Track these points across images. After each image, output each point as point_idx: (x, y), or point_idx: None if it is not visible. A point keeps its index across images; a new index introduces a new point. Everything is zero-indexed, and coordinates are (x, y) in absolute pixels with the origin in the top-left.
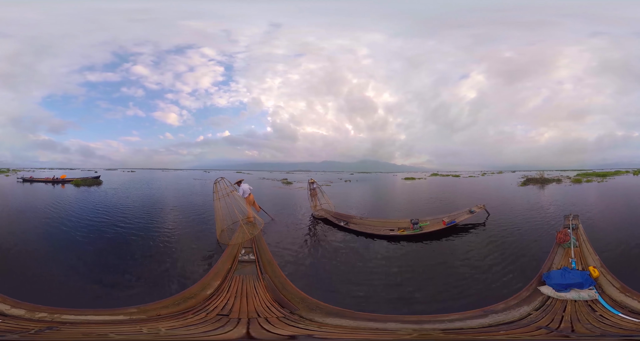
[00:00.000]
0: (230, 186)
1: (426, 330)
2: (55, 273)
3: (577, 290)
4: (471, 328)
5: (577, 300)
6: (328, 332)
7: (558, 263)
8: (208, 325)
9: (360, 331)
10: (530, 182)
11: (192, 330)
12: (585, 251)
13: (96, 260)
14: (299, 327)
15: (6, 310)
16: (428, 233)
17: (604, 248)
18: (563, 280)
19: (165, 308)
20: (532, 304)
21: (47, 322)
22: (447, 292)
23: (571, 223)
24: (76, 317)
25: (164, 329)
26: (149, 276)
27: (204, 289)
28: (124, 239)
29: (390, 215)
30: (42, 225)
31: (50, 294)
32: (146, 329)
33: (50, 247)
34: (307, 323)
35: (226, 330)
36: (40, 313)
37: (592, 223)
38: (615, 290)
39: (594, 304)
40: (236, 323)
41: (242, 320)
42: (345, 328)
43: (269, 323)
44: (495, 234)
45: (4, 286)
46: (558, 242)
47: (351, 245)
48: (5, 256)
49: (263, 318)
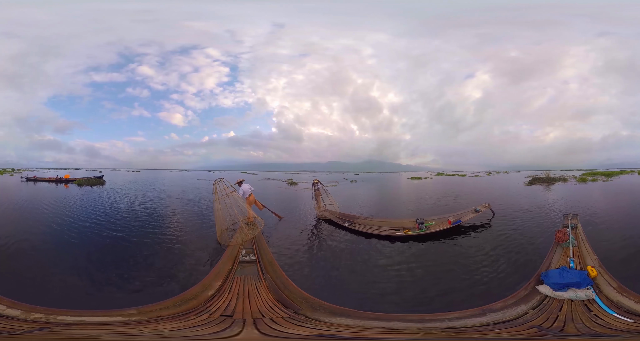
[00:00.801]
0: (229, 187)
1: (429, 328)
2: (53, 273)
3: (574, 289)
4: (469, 327)
5: (574, 300)
6: (340, 331)
7: (556, 263)
8: (214, 326)
9: (370, 331)
10: (537, 181)
11: (197, 332)
12: (584, 251)
13: (94, 261)
14: (309, 327)
15: (2, 311)
16: (434, 233)
17: (606, 247)
18: (561, 280)
19: (165, 309)
20: (530, 303)
21: (41, 323)
22: (452, 294)
23: (570, 222)
24: (72, 318)
25: (167, 330)
26: (148, 278)
27: (205, 290)
28: (123, 239)
29: (397, 215)
30: (41, 225)
31: (48, 295)
32: (147, 330)
33: (49, 246)
34: (315, 323)
35: (234, 330)
36: (36, 314)
37: (595, 222)
38: (612, 290)
39: (590, 304)
40: (242, 324)
41: (247, 320)
42: (354, 328)
43: (276, 323)
44: (500, 233)
45: (1, 287)
46: (557, 241)
47: (355, 245)
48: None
49: (268, 319)
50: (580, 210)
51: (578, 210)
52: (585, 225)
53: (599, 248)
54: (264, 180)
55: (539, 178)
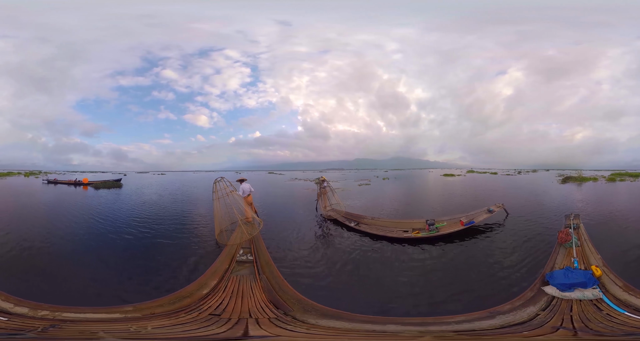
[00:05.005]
0: (230, 186)
1: (434, 332)
2: (52, 271)
3: (581, 289)
4: (483, 330)
5: (582, 300)
6: (315, 334)
7: (560, 263)
8: (196, 324)
9: (352, 333)
10: (569, 180)
11: (177, 329)
12: (587, 250)
13: (93, 259)
14: (287, 329)
15: (10, 308)
16: (445, 234)
17: (620, 246)
18: (566, 280)
19: (160, 306)
20: (538, 304)
21: (49, 320)
22: (455, 302)
23: (572, 222)
24: (76, 315)
25: (150, 327)
26: (146, 275)
27: (200, 288)
28: (123, 239)
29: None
30: (41, 223)
31: (50, 293)
32: (133, 327)
33: (51, 246)
34: (297, 324)
35: (213, 329)
36: (43, 311)
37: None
38: (618, 289)
39: (599, 303)
40: (224, 323)
41: (231, 319)
42: (338, 330)
43: (258, 323)
44: (513, 235)
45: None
46: (560, 242)
47: (359, 247)
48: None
49: (253, 319)
50: (612, 209)
51: (610, 208)
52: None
53: (615, 246)
54: (290, 181)
55: (571, 177)
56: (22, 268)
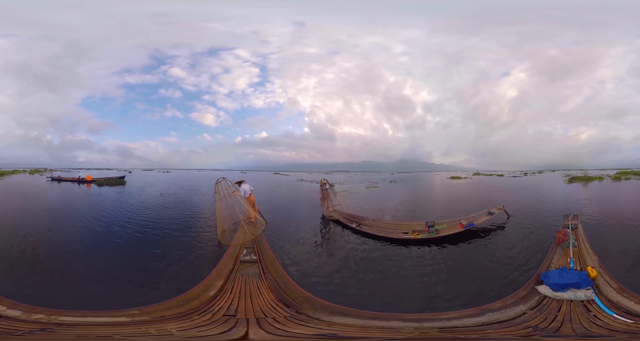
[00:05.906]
0: (231, 186)
1: (425, 328)
2: (52, 272)
3: (574, 290)
4: (465, 327)
5: (574, 300)
6: (340, 331)
7: (556, 263)
8: (218, 326)
9: (369, 330)
10: (575, 180)
11: (203, 332)
12: (584, 251)
13: (93, 261)
14: (311, 326)
15: (2, 312)
16: (444, 236)
17: (620, 247)
18: (561, 280)
19: (168, 309)
20: (529, 303)
21: (42, 324)
22: (451, 301)
23: (570, 223)
24: (74, 319)
25: (175, 330)
26: (150, 278)
27: (207, 290)
28: (123, 239)
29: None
30: (42, 221)
31: (48, 295)
32: (154, 330)
33: (51, 246)
34: (317, 322)
35: (241, 330)
36: (37, 315)
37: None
38: (612, 291)
39: (589, 304)
40: (246, 324)
41: (250, 320)
42: (355, 327)
43: (279, 322)
44: (513, 236)
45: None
46: (557, 242)
47: (360, 247)
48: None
49: (271, 318)
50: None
51: (613, 207)
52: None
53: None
54: (296, 182)
55: (577, 177)
56: (18, 269)
